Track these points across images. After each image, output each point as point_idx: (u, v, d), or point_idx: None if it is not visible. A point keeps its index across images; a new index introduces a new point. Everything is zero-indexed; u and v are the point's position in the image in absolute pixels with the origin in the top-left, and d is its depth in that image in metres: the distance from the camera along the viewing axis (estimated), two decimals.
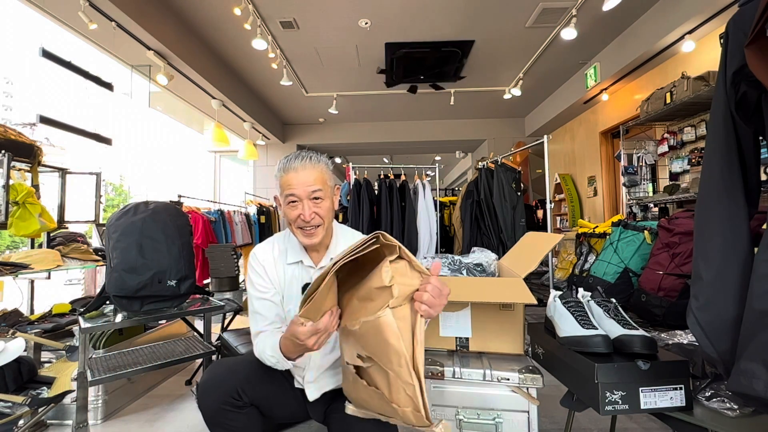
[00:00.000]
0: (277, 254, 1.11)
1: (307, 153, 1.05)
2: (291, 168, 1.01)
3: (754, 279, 0.67)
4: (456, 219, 4.32)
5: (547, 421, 1.65)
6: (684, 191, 2.81)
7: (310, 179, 1.01)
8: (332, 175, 1.10)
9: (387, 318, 0.73)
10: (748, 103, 0.75)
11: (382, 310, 0.73)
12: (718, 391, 0.90)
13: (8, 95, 27.00)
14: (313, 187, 1.01)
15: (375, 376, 0.78)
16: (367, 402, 0.82)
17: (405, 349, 0.72)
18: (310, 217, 1.01)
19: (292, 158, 1.03)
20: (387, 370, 0.74)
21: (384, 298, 0.75)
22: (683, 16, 3.04)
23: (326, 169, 1.06)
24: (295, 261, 1.09)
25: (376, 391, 0.78)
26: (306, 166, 1.01)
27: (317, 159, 1.05)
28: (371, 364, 0.79)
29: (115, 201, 17.85)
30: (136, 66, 3.62)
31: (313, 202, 1.02)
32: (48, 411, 1.57)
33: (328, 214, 1.06)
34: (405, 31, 3.79)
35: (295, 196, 1.01)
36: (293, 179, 1.01)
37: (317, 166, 1.04)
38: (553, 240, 1.45)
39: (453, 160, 9.42)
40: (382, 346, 0.73)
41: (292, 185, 1.01)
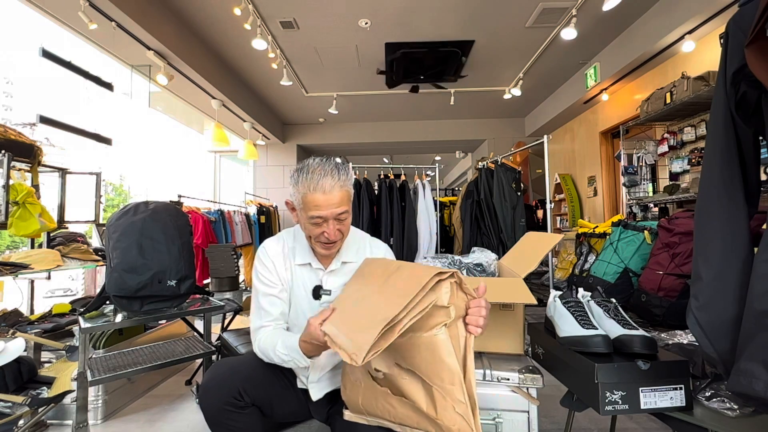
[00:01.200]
0: (286, 252, 1.11)
1: (335, 167, 0.98)
2: (319, 188, 0.94)
3: (754, 279, 0.67)
4: (456, 219, 4.32)
5: (547, 421, 1.65)
6: (684, 191, 2.81)
7: (338, 201, 0.96)
8: (352, 187, 1.05)
9: (443, 336, 0.74)
10: (748, 103, 0.75)
11: (438, 328, 0.74)
12: (718, 391, 0.90)
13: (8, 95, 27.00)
14: (341, 209, 0.98)
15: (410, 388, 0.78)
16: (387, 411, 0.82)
17: (458, 367, 0.73)
18: (335, 237, 0.99)
19: (320, 176, 0.95)
20: (432, 386, 0.74)
21: (440, 317, 0.75)
22: (683, 16, 3.04)
23: (349, 183, 1.01)
24: (304, 263, 1.09)
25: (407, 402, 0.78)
26: (335, 188, 0.95)
27: (345, 176, 0.99)
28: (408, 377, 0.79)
29: (115, 201, 17.84)
30: (136, 66, 3.62)
31: (337, 221, 0.99)
32: (48, 411, 1.57)
33: (349, 226, 1.05)
34: (405, 31, 3.79)
35: (322, 218, 0.97)
36: (321, 201, 0.95)
37: (344, 182, 0.98)
38: (553, 240, 1.45)
39: (453, 160, 9.42)
40: (435, 363, 0.74)
41: (320, 207, 0.95)
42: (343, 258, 1.10)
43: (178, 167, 14.30)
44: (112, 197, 18.29)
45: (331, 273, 1.09)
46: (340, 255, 1.09)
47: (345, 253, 1.10)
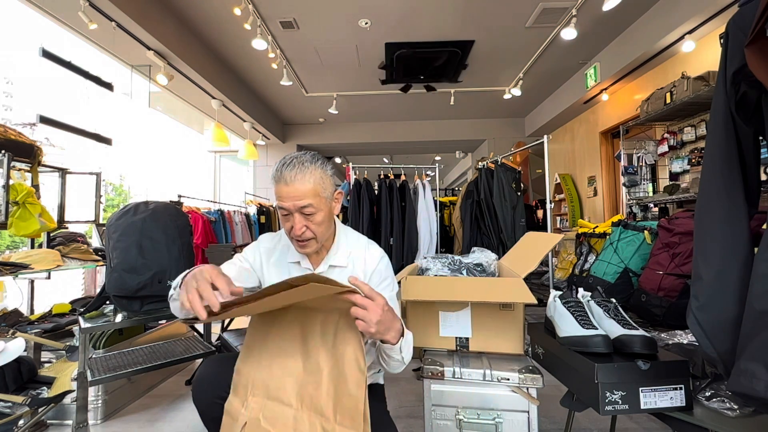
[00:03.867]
0: (280, 248, 1.11)
1: (302, 159, 0.95)
2: (282, 179, 0.93)
3: (754, 279, 0.67)
4: (456, 219, 4.32)
5: (547, 421, 1.65)
6: (684, 191, 2.81)
7: (299, 193, 0.93)
8: (331, 180, 1.01)
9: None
10: (748, 103, 0.75)
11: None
12: (718, 391, 0.90)
13: (8, 95, 27.00)
14: (303, 202, 0.94)
15: None
16: None
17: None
18: (299, 231, 0.96)
19: (285, 166, 0.94)
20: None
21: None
22: (683, 16, 3.04)
23: (322, 177, 0.97)
24: (294, 261, 1.09)
25: None
26: (296, 179, 0.92)
27: (312, 167, 0.95)
28: None
29: (115, 201, 17.83)
30: (136, 66, 3.62)
31: (303, 216, 0.96)
32: (48, 411, 1.57)
33: (323, 225, 0.99)
34: (405, 31, 3.79)
35: (285, 209, 0.96)
36: (283, 191, 0.94)
37: (310, 176, 0.94)
38: (553, 240, 1.46)
39: (453, 160, 9.42)
40: None
41: (281, 197, 0.95)
42: (331, 261, 1.07)
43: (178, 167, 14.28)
44: (112, 197, 18.27)
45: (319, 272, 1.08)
46: (328, 258, 1.07)
47: (333, 257, 1.07)
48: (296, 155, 0.97)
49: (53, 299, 2.35)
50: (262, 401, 0.83)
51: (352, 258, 1.09)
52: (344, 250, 1.09)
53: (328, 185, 0.99)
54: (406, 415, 1.75)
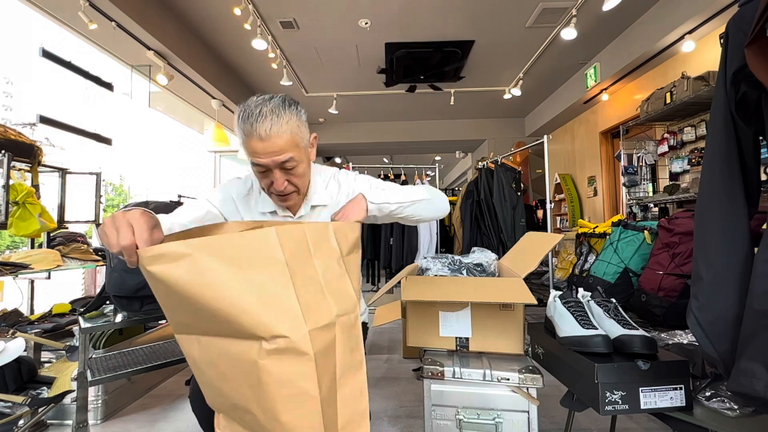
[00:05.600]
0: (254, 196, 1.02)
1: (274, 106, 0.83)
2: (254, 134, 0.82)
3: (755, 279, 0.67)
4: (456, 219, 4.32)
5: (547, 421, 1.65)
6: (684, 191, 2.81)
7: (277, 147, 0.84)
8: (306, 125, 0.91)
9: None
10: (748, 103, 0.75)
11: None
12: (718, 391, 0.90)
13: (8, 95, 27.02)
14: (283, 157, 0.85)
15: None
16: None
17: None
18: (282, 188, 0.89)
19: (254, 117, 0.82)
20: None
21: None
22: (683, 16, 3.04)
23: (297, 125, 0.87)
24: (270, 210, 1.01)
25: None
26: (272, 132, 0.82)
27: (287, 115, 0.84)
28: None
29: (115, 201, 17.84)
30: (136, 66, 3.62)
31: (283, 171, 0.88)
32: (48, 411, 1.57)
33: (305, 176, 0.93)
34: (405, 31, 3.79)
35: (263, 166, 0.86)
36: (259, 148, 0.83)
37: (287, 126, 0.84)
38: (553, 240, 1.46)
39: (453, 160, 9.42)
40: None
41: (257, 154, 0.84)
42: (313, 201, 1.01)
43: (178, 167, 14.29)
44: (112, 197, 18.28)
45: (301, 219, 1.02)
46: (308, 199, 1.01)
47: (314, 196, 1.01)
48: (264, 100, 0.85)
49: (53, 299, 2.35)
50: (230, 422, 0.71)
51: (329, 192, 1.04)
52: (321, 186, 1.03)
53: (305, 132, 0.90)
54: (406, 415, 1.75)
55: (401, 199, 0.94)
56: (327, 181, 1.06)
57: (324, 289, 0.67)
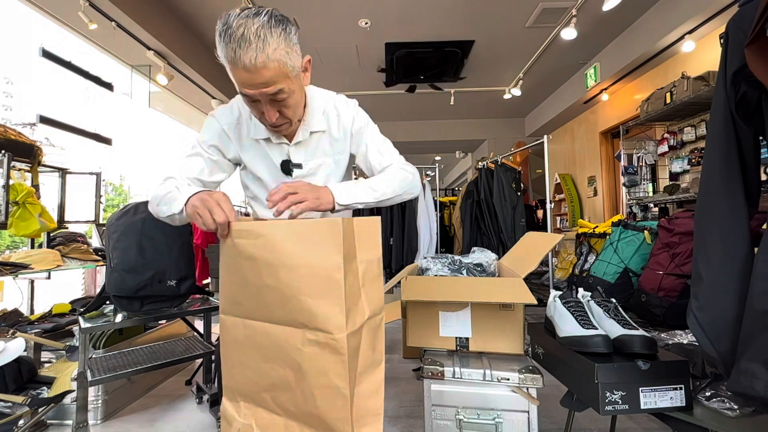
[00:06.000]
0: (242, 123, 0.97)
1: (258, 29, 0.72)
2: (238, 62, 0.74)
3: (754, 279, 0.67)
4: (456, 219, 4.32)
5: (547, 421, 1.65)
6: (684, 191, 2.81)
7: (265, 79, 0.76)
8: (297, 48, 0.81)
9: None
10: (748, 103, 0.75)
11: None
12: (718, 391, 0.90)
13: (8, 95, 27.04)
14: (272, 89, 0.78)
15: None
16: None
17: None
18: (273, 120, 0.85)
19: (236, 41, 0.71)
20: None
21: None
22: (683, 16, 3.04)
23: (287, 51, 0.77)
24: (263, 137, 0.96)
25: None
26: (258, 62, 0.73)
27: (275, 40, 0.74)
28: None
29: (115, 201, 17.85)
30: (136, 66, 3.62)
31: (275, 103, 0.83)
32: (48, 411, 1.57)
33: (297, 106, 0.88)
34: (405, 31, 3.79)
35: (252, 97, 0.81)
36: (243, 78, 0.77)
37: (274, 53, 0.74)
38: (553, 240, 1.46)
39: (453, 160, 9.42)
40: None
41: (243, 85, 0.79)
42: (312, 127, 0.96)
43: None
44: (112, 197, 18.29)
45: (298, 145, 0.98)
46: (306, 124, 0.96)
47: (312, 121, 0.96)
48: (247, 17, 0.72)
49: (53, 299, 2.34)
50: (254, 408, 0.76)
51: (327, 117, 1.00)
52: (319, 110, 0.98)
53: (295, 58, 0.80)
54: (406, 415, 1.75)
55: (370, 199, 0.91)
56: (326, 107, 1.00)
57: (361, 288, 0.70)
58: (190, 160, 0.96)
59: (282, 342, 0.68)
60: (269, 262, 0.66)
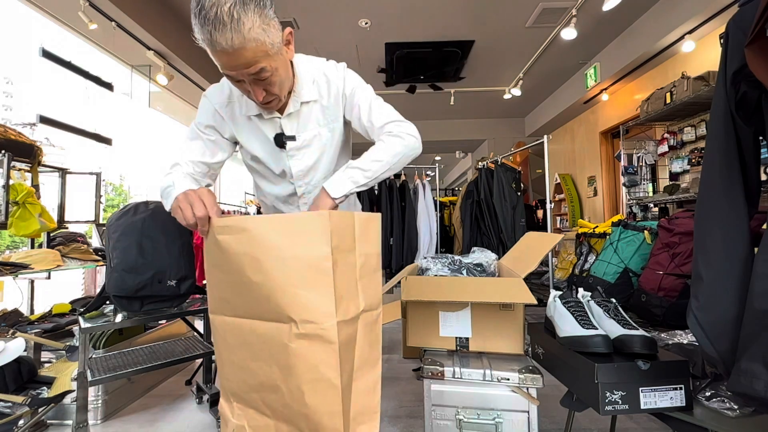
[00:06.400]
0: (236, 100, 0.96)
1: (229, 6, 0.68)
2: (216, 45, 0.72)
3: (755, 279, 0.67)
4: (456, 219, 4.32)
5: (547, 421, 1.65)
6: (684, 191, 2.81)
7: (246, 60, 0.74)
8: (276, 23, 0.77)
9: None
10: (748, 103, 0.75)
11: None
12: (718, 391, 0.90)
13: (8, 95, 27.05)
14: (254, 68, 0.76)
15: None
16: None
17: None
18: (260, 98, 0.84)
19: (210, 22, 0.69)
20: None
21: None
22: (683, 16, 3.04)
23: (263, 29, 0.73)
24: (254, 114, 0.95)
25: None
26: (235, 44, 0.71)
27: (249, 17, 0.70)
28: None
29: (115, 201, 17.85)
30: (136, 66, 3.62)
31: (260, 82, 0.81)
32: (48, 411, 1.57)
33: (284, 83, 0.87)
34: (405, 31, 3.79)
35: (235, 77, 0.80)
36: (224, 61, 0.75)
37: (250, 35, 0.71)
38: (553, 240, 1.46)
39: (453, 160, 9.42)
40: None
41: (224, 67, 0.77)
42: (303, 97, 0.95)
43: None
44: (112, 197, 18.29)
45: (289, 117, 0.96)
46: (296, 95, 0.94)
47: (302, 92, 0.95)
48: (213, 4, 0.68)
49: (53, 299, 2.34)
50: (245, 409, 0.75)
51: (317, 86, 0.98)
52: (308, 80, 0.96)
53: (274, 34, 0.77)
54: (406, 415, 1.75)
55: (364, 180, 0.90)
56: (315, 75, 0.98)
57: (357, 281, 0.69)
58: (191, 144, 0.97)
59: (269, 339, 0.66)
60: (254, 256, 0.65)
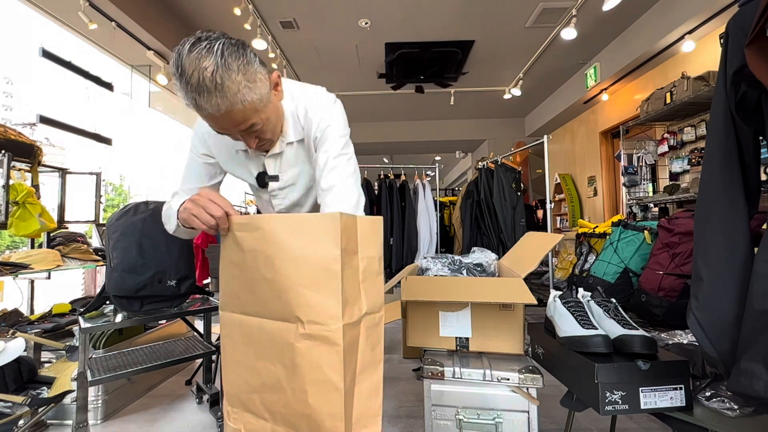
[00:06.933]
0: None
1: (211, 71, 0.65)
2: (201, 111, 0.71)
3: (754, 279, 0.67)
4: (456, 219, 4.32)
5: (547, 421, 1.65)
6: (684, 191, 2.81)
7: (235, 120, 0.73)
8: (263, 76, 0.75)
9: None
10: (748, 103, 0.75)
11: None
12: (718, 391, 0.90)
13: (8, 95, 27.06)
14: (244, 125, 0.76)
15: None
16: None
17: None
18: (254, 146, 0.83)
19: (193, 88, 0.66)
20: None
21: None
22: (683, 16, 3.04)
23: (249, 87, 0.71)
24: (242, 149, 0.94)
25: None
26: (223, 108, 0.69)
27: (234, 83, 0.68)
28: None
29: (115, 201, 17.86)
30: (136, 66, 3.62)
31: (251, 133, 0.80)
32: (48, 411, 1.57)
33: (275, 127, 0.86)
34: (405, 31, 3.79)
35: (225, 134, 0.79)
36: (213, 123, 0.75)
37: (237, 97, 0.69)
38: (553, 240, 1.46)
39: (453, 160, 9.42)
40: None
41: (215, 128, 0.77)
42: (289, 138, 0.92)
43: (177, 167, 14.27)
44: (112, 197, 18.30)
45: (273, 157, 0.94)
46: (284, 135, 0.92)
47: (288, 132, 0.92)
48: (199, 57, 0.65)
49: (53, 299, 2.34)
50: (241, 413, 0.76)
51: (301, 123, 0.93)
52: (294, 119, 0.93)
53: (261, 88, 0.74)
54: (406, 415, 1.75)
55: None
56: (299, 113, 0.93)
57: (360, 284, 0.70)
58: (189, 171, 0.99)
59: (276, 338, 0.67)
60: (268, 254, 0.66)
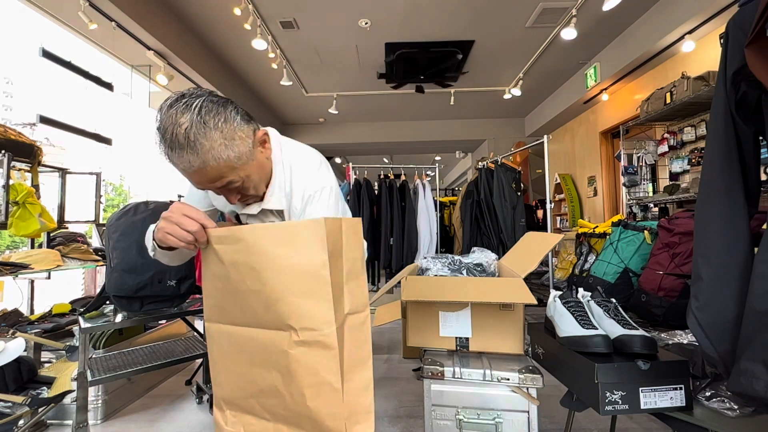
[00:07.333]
0: None
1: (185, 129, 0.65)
2: (175, 165, 0.70)
3: (754, 279, 0.67)
4: (456, 219, 4.33)
5: (547, 421, 1.65)
6: (684, 191, 2.81)
7: (210, 177, 0.72)
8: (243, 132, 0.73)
9: None
10: (748, 103, 0.75)
11: None
12: (718, 391, 0.90)
13: (8, 95, 27.07)
14: (222, 182, 0.74)
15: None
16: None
17: None
18: (236, 203, 0.82)
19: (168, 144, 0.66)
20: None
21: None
22: (683, 16, 3.04)
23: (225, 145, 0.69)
24: None
25: None
26: (195, 167, 0.68)
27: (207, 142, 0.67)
28: None
29: (115, 201, 17.86)
30: (136, 66, 3.62)
31: (232, 190, 0.78)
32: (48, 411, 1.57)
33: (259, 185, 0.82)
34: (405, 31, 3.79)
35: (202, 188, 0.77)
36: (188, 177, 0.73)
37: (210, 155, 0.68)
38: (553, 240, 1.46)
39: (453, 160, 9.42)
40: None
41: (191, 182, 0.75)
42: (265, 204, 0.86)
43: None
44: (112, 197, 18.29)
45: (250, 216, 0.91)
46: (272, 192, 0.87)
47: (269, 199, 0.86)
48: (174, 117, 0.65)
49: (53, 299, 2.35)
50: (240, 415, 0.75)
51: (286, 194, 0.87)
52: (280, 188, 0.87)
53: (239, 147, 0.72)
54: (406, 415, 1.75)
55: None
56: (284, 185, 0.88)
57: (344, 285, 0.69)
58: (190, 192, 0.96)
59: (269, 346, 0.67)
60: (252, 266, 0.65)
